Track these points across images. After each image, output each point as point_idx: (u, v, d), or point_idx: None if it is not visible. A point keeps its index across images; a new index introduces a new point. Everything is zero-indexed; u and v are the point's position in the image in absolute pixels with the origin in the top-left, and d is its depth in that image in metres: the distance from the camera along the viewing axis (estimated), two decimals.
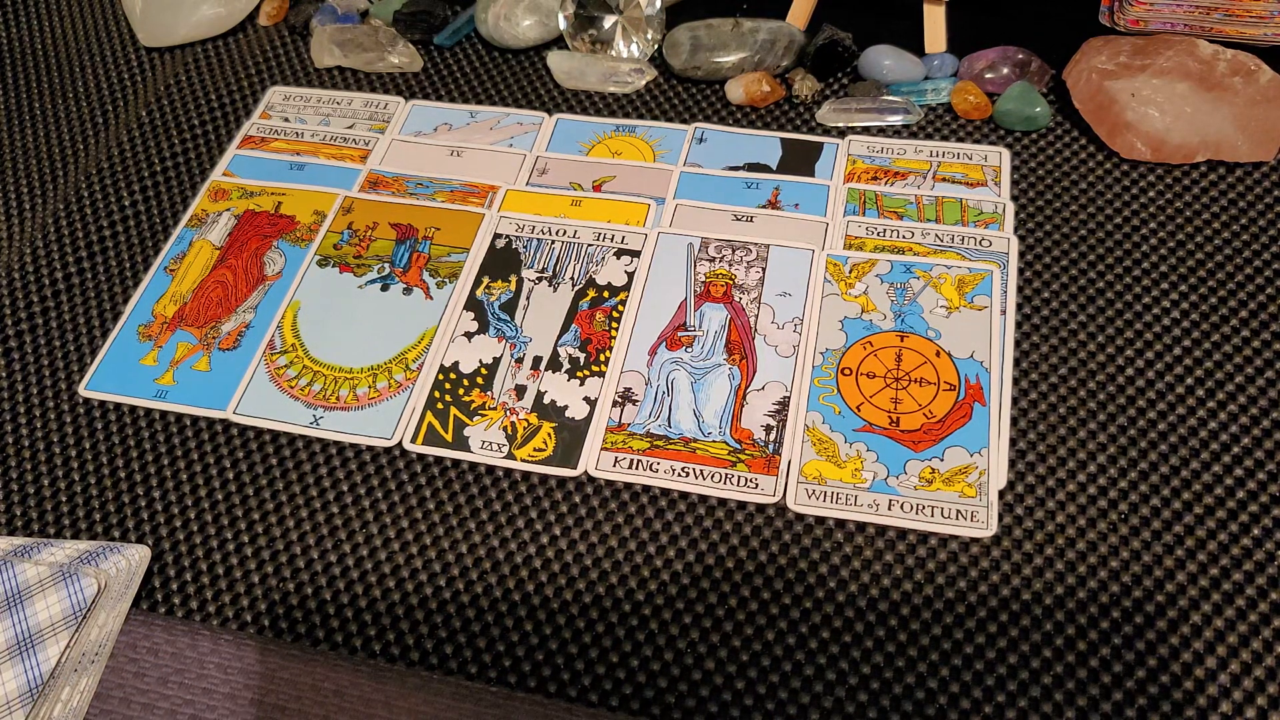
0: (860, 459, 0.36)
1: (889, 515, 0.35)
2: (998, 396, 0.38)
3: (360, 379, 0.40)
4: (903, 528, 0.35)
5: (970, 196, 0.44)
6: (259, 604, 0.35)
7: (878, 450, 0.37)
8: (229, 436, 0.39)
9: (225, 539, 0.37)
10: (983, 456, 0.36)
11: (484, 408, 0.39)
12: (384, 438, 0.38)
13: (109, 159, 0.49)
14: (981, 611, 0.33)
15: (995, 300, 0.40)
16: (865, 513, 0.35)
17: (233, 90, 0.52)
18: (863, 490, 0.36)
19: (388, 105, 0.50)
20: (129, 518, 0.37)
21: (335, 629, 0.34)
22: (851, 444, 0.37)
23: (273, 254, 0.44)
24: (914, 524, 0.35)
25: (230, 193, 0.47)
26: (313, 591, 0.35)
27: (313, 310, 0.42)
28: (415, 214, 0.45)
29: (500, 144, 0.48)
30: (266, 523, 0.37)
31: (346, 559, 0.36)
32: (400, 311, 0.42)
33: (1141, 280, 0.41)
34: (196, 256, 0.44)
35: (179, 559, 0.36)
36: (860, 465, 0.36)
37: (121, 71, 0.53)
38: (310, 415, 0.39)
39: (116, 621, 0.34)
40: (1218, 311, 0.40)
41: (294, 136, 0.49)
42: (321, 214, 0.46)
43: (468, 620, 0.34)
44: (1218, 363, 0.38)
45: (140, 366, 0.41)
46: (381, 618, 0.34)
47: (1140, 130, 0.44)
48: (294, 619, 0.35)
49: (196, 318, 0.42)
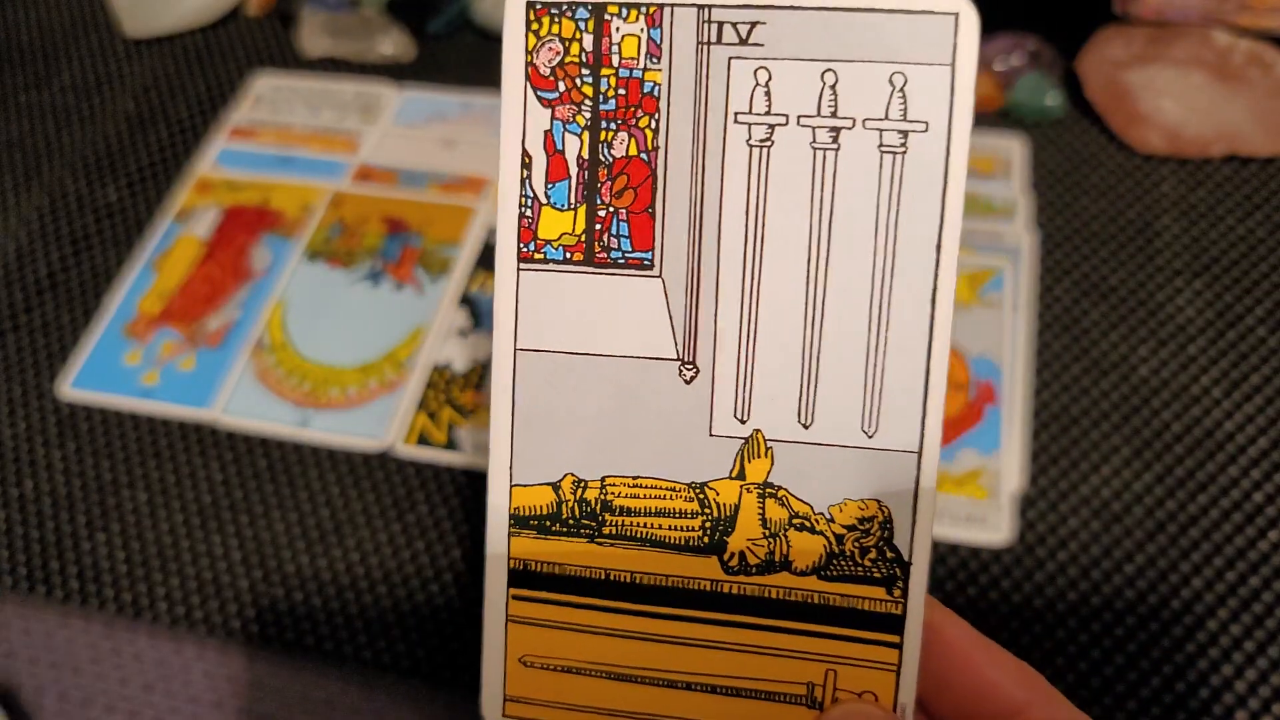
0: None
1: None
2: (1010, 396, 0.37)
3: (350, 378, 0.39)
4: None
5: (981, 189, 0.43)
6: (246, 610, 0.34)
7: None
8: (216, 439, 0.38)
9: (212, 543, 0.36)
10: (995, 458, 0.35)
11: (478, 408, 0.38)
12: (375, 439, 0.37)
13: (93, 152, 0.48)
14: (993, 618, 0.32)
15: (1008, 296, 0.39)
16: None
17: (220, 81, 0.51)
18: None
19: (379, 95, 0.49)
20: (113, 520, 0.36)
21: (325, 636, 0.33)
22: None
23: (260, 249, 0.43)
24: None
25: (217, 186, 0.46)
26: (302, 598, 0.34)
27: (301, 307, 0.41)
28: (407, 207, 0.44)
29: (495, 135, 0.47)
30: (255, 526, 0.36)
31: (336, 564, 0.35)
32: (391, 308, 0.41)
33: (1155, 276, 0.40)
34: (182, 252, 0.43)
35: (165, 564, 0.35)
36: None
37: (108, 63, 0.52)
38: (299, 416, 0.38)
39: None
40: (1233, 309, 0.39)
41: (283, 127, 0.48)
42: (310, 207, 0.45)
43: (462, 630, 0.33)
44: (1234, 362, 0.38)
45: (124, 365, 0.40)
46: (373, 625, 0.34)
47: (1155, 122, 0.43)
48: (282, 626, 0.34)
49: (182, 314, 0.41)
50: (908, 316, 0.18)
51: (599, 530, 0.20)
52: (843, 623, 0.19)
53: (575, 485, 0.20)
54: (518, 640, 0.20)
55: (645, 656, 0.20)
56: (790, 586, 0.19)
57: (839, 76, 0.18)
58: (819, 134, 0.18)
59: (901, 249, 0.18)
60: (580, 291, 0.19)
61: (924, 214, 0.18)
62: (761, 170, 0.18)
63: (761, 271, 0.19)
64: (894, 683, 0.19)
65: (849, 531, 0.19)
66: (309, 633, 0.34)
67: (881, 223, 0.18)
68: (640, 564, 0.19)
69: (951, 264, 0.18)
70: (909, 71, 0.18)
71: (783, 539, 0.19)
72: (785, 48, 0.18)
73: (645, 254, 0.19)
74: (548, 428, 0.20)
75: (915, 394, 0.18)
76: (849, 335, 0.18)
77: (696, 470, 0.19)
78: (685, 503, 0.19)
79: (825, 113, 0.18)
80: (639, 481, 0.19)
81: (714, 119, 0.18)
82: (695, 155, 0.19)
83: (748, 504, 0.19)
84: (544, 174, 0.19)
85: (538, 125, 0.19)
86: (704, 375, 0.19)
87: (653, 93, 0.19)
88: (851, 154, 0.18)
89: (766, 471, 0.19)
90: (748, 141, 0.18)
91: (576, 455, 0.19)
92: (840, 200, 0.18)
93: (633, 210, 0.19)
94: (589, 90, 0.19)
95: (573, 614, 0.20)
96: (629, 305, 0.19)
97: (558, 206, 0.19)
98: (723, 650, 0.19)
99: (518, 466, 0.20)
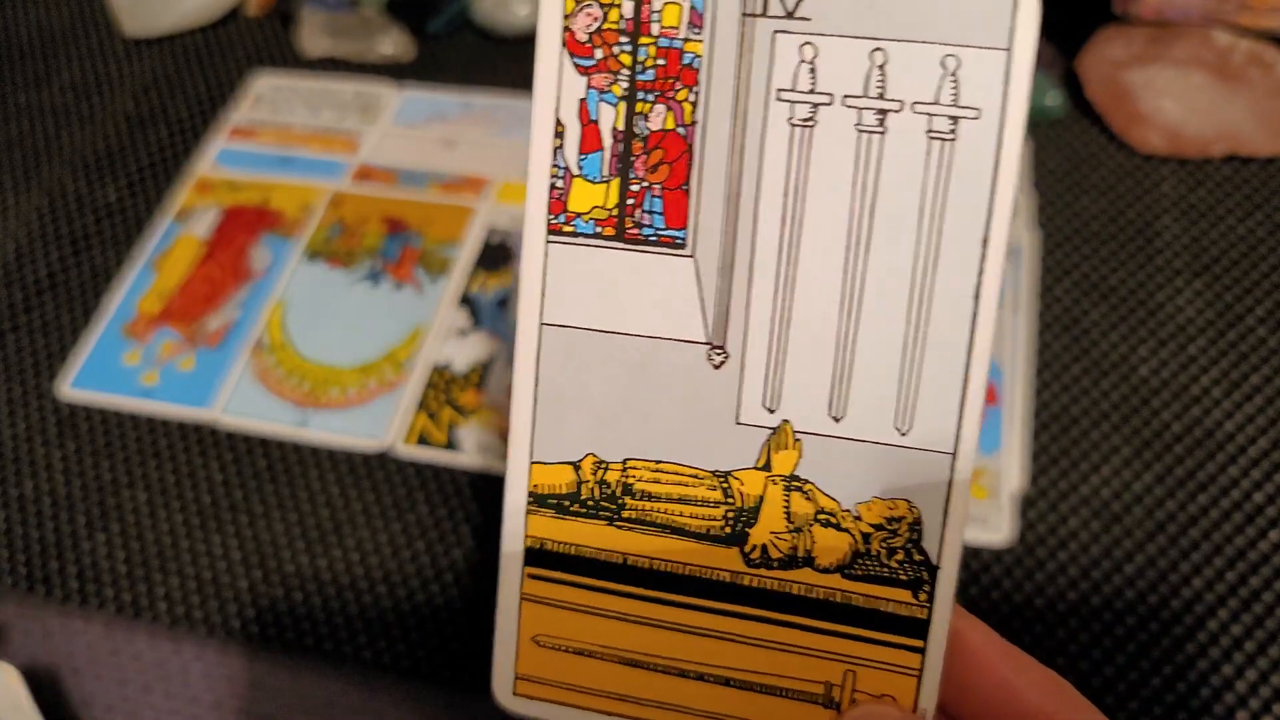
0: None
1: None
2: (1011, 396, 0.37)
3: (350, 378, 0.39)
4: None
5: None
6: (246, 610, 0.34)
7: None
8: (216, 439, 0.38)
9: (212, 543, 0.36)
10: (996, 458, 0.35)
11: (478, 408, 0.38)
12: (374, 439, 0.37)
13: (93, 152, 0.48)
14: (993, 618, 0.32)
15: (1008, 296, 0.39)
16: None
17: (220, 81, 0.51)
18: None
19: (379, 95, 0.49)
20: (113, 520, 0.36)
21: (325, 637, 0.33)
22: None
23: (260, 249, 0.43)
24: None
25: (216, 186, 0.46)
26: (302, 598, 0.34)
27: (301, 307, 0.41)
28: (407, 207, 0.44)
29: (495, 134, 0.47)
30: (255, 527, 0.36)
31: (336, 564, 0.35)
32: (391, 308, 0.41)
33: (1155, 276, 0.40)
34: (182, 252, 0.43)
35: (164, 564, 0.35)
36: None
37: (108, 63, 0.52)
38: (298, 416, 0.38)
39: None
40: (1233, 309, 0.39)
41: (282, 127, 0.48)
42: (310, 207, 0.44)
43: (462, 630, 0.33)
44: (1234, 362, 0.38)
45: (124, 365, 0.40)
46: (373, 625, 0.33)
47: (1156, 122, 0.43)
48: (282, 626, 0.34)
49: (182, 314, 0.41)
50: (949, 312, 0.17)
51: (618, 514, 0.19)
52: (865, 624, 0.18)
53: (596, 466, 0.19)
54: (531, 619, 0.20)
55: (660, 644, 0.19)
56: (812, 583, 0.19)
57: (888, 56, 0.17)
58: (865, 116, 0.17)
59: (946, 241, 0.17)
60: (609, 267, 0.18)
61: (971, 206, 0.17)
62: (803, 151, 0.18)
63: (798, 256, 0.18)
64: (915, 688, 0.18)
65: (876, 531, 0.18)
66: (309, 633, 0.33)
67: (926, 212, 0.17)
68: (659, 550, 0.19)
69: (998, 260, 0.17)
70: (963, 54, 0.17)
71: (807, 534, 0.19)
72: (833, 23, 0.17)
73: (678, 232, 0.18)
74: (570, 405, 0.19)
75: (953, 393, 0.18)
76: (886, 328, 0.18)
77: (721, 458, 0.19)
78: (708, 491, 0.19)
79: (872, 94, 0.17)
80: (661, 466, 0.19)
81: (755, 95, 0.18)
82: (734, 132, 0.18)
83: (772, 496, 0.19)
84: (577, 144, 0.18)
85: (572, 93, 0.18)
86: (733, 361, 0.18)
87: (693, 64, 0.18)
88: (898, 139, 0.17)
89: (794, 464, 0.18)
90: (790, 120, 0.18)
91: (598, 435, 0.19)
92: (884, 187, 0.17)
93: (667, 186, 0.18)
94: (627, 59, 0.18)
95: (588, 596, 0.19)
96: (659, 284, 0.18)
97: (590, 179, 0.18)
98: (739, 643, 0.19)
99: (538, 443, 0.19)
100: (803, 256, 0.18)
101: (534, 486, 0.20)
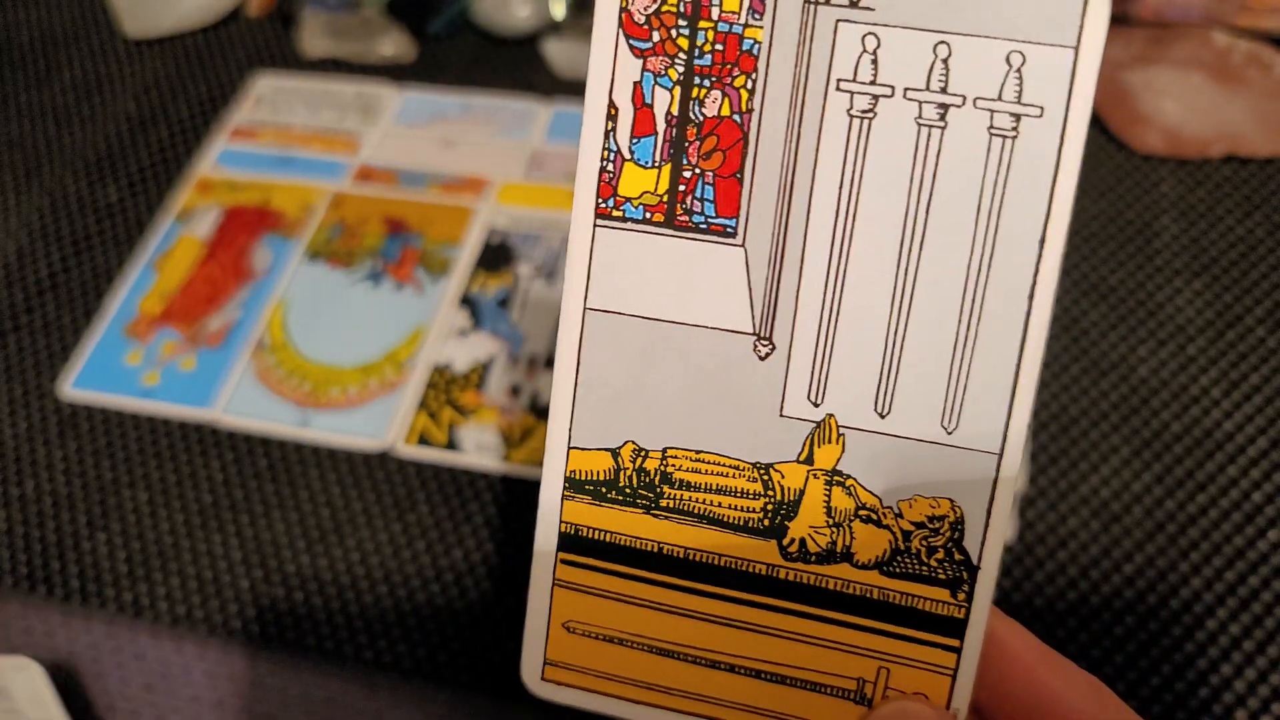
0: None
1: None
2: None
3: (350, 378, 0.39)
4: None
5: None
6: (247, 610, 0.34)
7: None
8: (216, 439, 0.38)
9: (213, 542, 0.36)
10: None
11: (478, 408, 0.38)
12: (375, 439, 0.37)
13: (94, 152, 0.48)
14: None
15: None
16: None
17: (221, 82, 0.51)
18: None
19: (380, 96, 0.49)
20: (114, 520, 0.36)
21: (326, 636, 0.33)
22: None
23: (261, 249, 0.43)
24: None
25: (217, 186, 0.46)
26: (303, 598, 0.34)
27: (301, 307, 0.41)
28: (407, 207, 0.44)
29: (496, 135, 0.47)
30: (255, 526, 0.36)
31: (337, 564, 0.35)
32: (391, 308, 0.41)
33: (1155, 276, 0.40)
34: (183, 252, 0.43)
35: (166, 564, 0.35)
36: None
37: (109, 63, 0.52)
38: (299, 416, 0.38)
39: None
40: (1233, 309, 0.39)
41: (283, 128, 0.48)
42: (311, 208, 0.45)
43: (463, 629, 0.33)
44: (1234, 362, 0.38)
45: (125, 365, 0.40)
46: (373, 625, 0.34)
47: (1155, 123, 0.43)
48: (283, 625, 0.34)
49: (183, 314, 0.41)
50: (1002, 312, 0.17)
51: (656, 502, 0.19)
52: (901, 621, 0.18)
53: (635, 454, 0.19)
54: (563, 605, 0.20)
55: (692, 634, 0.19)
56: (850, 579, 0.18)
57: (952, 50, 0.17)
58: (926, 109, 0.17)
59: (1002, 240, 0.17)
60: (657, 254, 0.18)
61: (1030, 206, 0.17)
62: (861, 143, 0.17)
63: (850, 250, 0.18)
64: (949, 687, 0.18)
65: (917, 529, 0.18)
66: (310, 632, 0.34)
67: (984, 210, 0.17)
68: (695, 541, 0.19)
69: (1055, 262, 0.17)
70: (1028, 51, 0.16)
71: (846, 529, 0.18)
72: (898, 14, 0.17)
73: (729, 220, 0.18)
74: (611, 392, 0.19)
75: (1002, 393, 0.17)
76: (937, 325, 0.17)
77: (763, 450, 0.18)
78: (748, 482, 0.19)
79: (934, 87, 0.17)
80: (702, 456, 0.19)
81: (814, 84, 0.17)
82: (791, 121, 0.18)
83: (813, 490, 0.18)
84: (630, 128, 0.18)
85: (627, 76, 0.18)
86: (780, 353, 0.18)
87: (752, 51, 0.17)
88: (958, 134, 0.17)
89: (836, 458, 0.18)
90: (849, 111, 0.17)
91: (639, 423, 0.19)
92: (942, 182, 0.17)
93: (720, 174, 0.18)
94: (684, 43, 0.18)
95: (621, 584, 0.19)
96: (707, 273, 0.18)
97: (641, 163, 0.18)
98: (773, 636, 0.19)
99: (577, 428, 0.19)
100: (855, 249, 0.18)
101: (571, 472, 0.19)
